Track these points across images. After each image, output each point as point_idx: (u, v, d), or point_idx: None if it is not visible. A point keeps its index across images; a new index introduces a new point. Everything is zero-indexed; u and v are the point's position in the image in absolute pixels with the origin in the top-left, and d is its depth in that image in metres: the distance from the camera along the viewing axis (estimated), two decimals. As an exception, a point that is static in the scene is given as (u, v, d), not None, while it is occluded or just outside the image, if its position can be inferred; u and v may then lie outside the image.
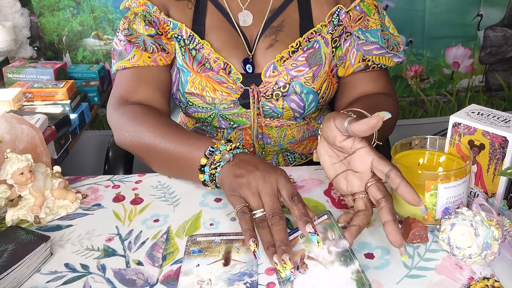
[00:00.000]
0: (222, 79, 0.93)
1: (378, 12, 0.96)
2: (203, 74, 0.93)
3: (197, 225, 0.74)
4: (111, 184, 0.86)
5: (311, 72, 0.93)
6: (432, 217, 0.68)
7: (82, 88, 1.70)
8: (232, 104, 0.95)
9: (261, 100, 0.95)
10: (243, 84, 0.94)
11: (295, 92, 0.94)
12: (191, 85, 0.94)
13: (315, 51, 0.93)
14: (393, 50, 0.96)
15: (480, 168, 0.71)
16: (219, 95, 0.93)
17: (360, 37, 0.94)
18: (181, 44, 0.95)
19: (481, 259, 0.62)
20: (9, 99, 1.41)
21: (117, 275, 0.65)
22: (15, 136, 0.82)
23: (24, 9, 1.84)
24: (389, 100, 0.95)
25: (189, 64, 0.94)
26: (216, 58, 0.93)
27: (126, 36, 0.95)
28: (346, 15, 0.94)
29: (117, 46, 0.97)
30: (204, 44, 0.93)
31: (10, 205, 0.76)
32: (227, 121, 0.98)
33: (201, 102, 0.96)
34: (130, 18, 0.96)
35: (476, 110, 0.73)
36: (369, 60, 0.95)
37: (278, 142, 1.01)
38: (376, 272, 0.63)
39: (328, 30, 0.94)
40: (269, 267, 0.64)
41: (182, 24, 0.94)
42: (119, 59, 0.95)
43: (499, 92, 2.02)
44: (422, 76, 1.96)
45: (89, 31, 1.86)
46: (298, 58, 0.93)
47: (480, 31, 1.88)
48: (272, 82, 0.93)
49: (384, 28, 0.96)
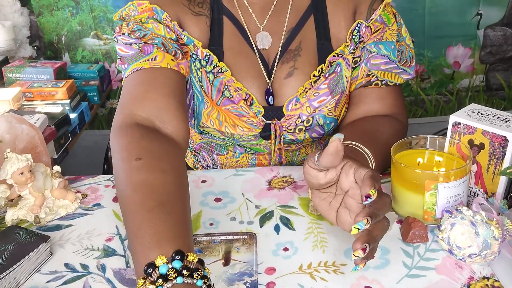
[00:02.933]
0: (243, 113, 0.86)
1: (397, 21, 0.88)
2: (223, 107, 0.85)
3: (197, 225, 0.74)
4: (111, 184, 0.86)
5: (334, 101, 0.87)
6: (432, 216, 0.68)
7: (81, 87, 1.70)
8: (252, 137, 0.89)
9: (283, 134, 0.89)
10: (264, 117, 0.87)
11: (318, 124, 0.88)
12: (206, 119, 0.86)
13: (337, 75, 0.87)
14: (405, 64, 0.89)
15: (480, 167, 0.71)
16: (239, 131, 0.87)
17: (372, 50, 0.87)
18: (197, 66, 0.85)
19: (481, 259, 0.62)
20: (9, 99, 1.41)
21: (117, 275, 0.65)
22: (15, 135, 0.82)
23: (23, 8, 1.84)
24: (393, 123, 0.87)
25: (207, 93, 0.86)
26: (238, 88, 0.85)
27: (140, 38, 0.81)
28: (366, 29, 0.86)
29: (125, 52, 0.82)
30: (223, 68, 0.84)
31: (10, 205, 0.76)
32: (244, 148, 0.94)
33: (219, 134, 0.88)
34: (133, 19, 0.83)
35: (476, 110, 0.73)
36: (373, 75, 0.88)
37: (292, 161, 0.97)
38: (376, 272, 0.63)
39: (350, 50, 0.87)
40: (269, 267, 0.64)
41: (199, 43, 0.84)
42: (133, 61, 0.79)
43: (499, 91, 2.02)
44: (423, 76, 1.96)
45: (88, 30, 1.86)
46: (320, 86, 0.86)
47: (480, 31, 1.88)
48: (295, 115, 0.87)
49: (400, 38, 0.89)
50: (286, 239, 0.70)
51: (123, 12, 0.85)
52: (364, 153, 0.73)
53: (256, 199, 0.79)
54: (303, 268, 0.64)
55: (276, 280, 0.62)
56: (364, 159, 0.73)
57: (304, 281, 0.62)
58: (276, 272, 0.64)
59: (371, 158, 0.73)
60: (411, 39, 0.91)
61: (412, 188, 0.68)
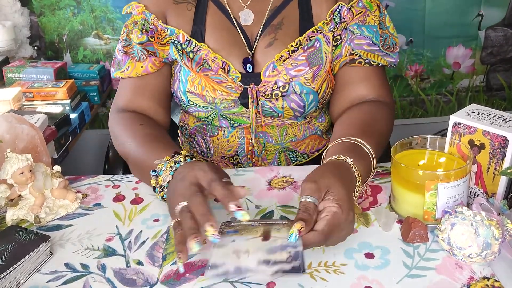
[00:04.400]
0: (221, 79, 0.93)
1: (380, 11, 0.95)
2: (202, 74, 0.93)
3: (197, 225, 0.74)
4: (111, 184, 0.86)
5: (311, 72, 0.93)
6: (432, 216, 0.68)
7: (82, 87, 1.70)
8: (232, 103, 0.95)
9: (260, 100, 0.94)
10: (242, 83, 0.93)
11: (294, 92, 0.93)
12: (191, 84, 0.95)
13: (315, 50, 0.93)
14: (389, 50, 0.95)
15: (480, 167, 0.71)
16: (219, 95, 0.94)
17: (355, 31, 0.93)
18: (178, 48, 0.95)
19: (481, 259, 0.62)
20: (9, 99, 1.41)
21: (117, 274, 0.65)
22: (15, 135, 0.82)
23: (24, 8, 1.84)
24: (384, 111, 0.92)
25: (188, 65, 0.94)
26: (215, 58, 0.93)
27: (124, 47, 0.97)
28: (348, 12, 0.93)
29: (118, 55, 0.99)
30: (202, 46, 0.94)
31: (10, 204, 0.76)
32: (228, 120, 0.98)
33: (202, 101, 0.96)
34: (129, 28, 0.97)
35: (476, 110, 0.73)
36: (356, 54, 0.93)
37: (280, 141, 1.01)
38: (376, 272, 0.63)
39: (330, 28, 0.93)
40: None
41: (179, 30, 0.95)
42: (117, 69, 0.98)
43: (499, 92, 2.02)
44: (423, 76, 1.96)
45: (89, 30, 1.86)
46: (298, 57, 0.92)
47: (481, 31, 1.88)
48: (271, 81, 0.92)
49: (383, 26, 0.95)
50: (286, 239, 0.69)
51: (127, 8, 0.98)
52: (365, 148, 0.77)
53: (256, 199, 0.79)
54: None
55: (276, 280, 0.62)
56: (366, 155, 0.76)
57: (304, 281, 0.62)
58: (276, 272, 0.64)
59: (372, 155, 0.77)
60: (394, 28, 0.97)
61: (412, 188, 0.68)
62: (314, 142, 1.05)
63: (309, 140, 1.04)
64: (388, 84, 0.99)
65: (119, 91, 1.00)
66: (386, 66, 0.96)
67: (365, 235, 0.70)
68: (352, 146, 0.77)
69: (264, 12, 0.95)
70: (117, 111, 0.97)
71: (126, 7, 0.99)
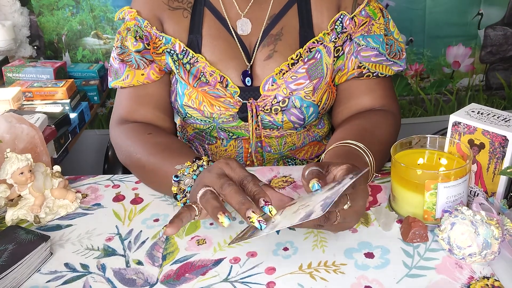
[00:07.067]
0: (219, 93, 0.90)
1: (383, 16, 0.92)
2: (200, 88, 0.90)
3: (197, 225, 0.74)
4: (111, 184, 0.86)
5: (311, 85, 0.89)
6: (432, 216, 0.68)
7: (81, 87, 1.70)
8: (230, 117, 0.92)
9: (260, 114, 0.92)
10: (241, 97, 0.90)
11: (294, 106, 0.91)
12: (188, 98, 0.92)
13: (316, 62, 0.89)
14: (395, 57, 0.92)
15: (480, 167, 0.71)
16: (217, 110, 0.91)
17: (360, 43, 0.90)
18: (174, 59, 0.91)
19: (481, 259, 0.62)
20: (8, 99, 1.41)
21: (117, 274, 0.65)
22: (15, 135, 0.81)
23: (23, 8, 1.84)
24: (388, 119, 0.90)
25: (184, 78, 0.91)
26: (212, 72, 0.90)
27: (119, 55, 0.93)
28: (350, 22, 0.89)
29: (113, 63, 0.96)
30: (199, 58, 0.90)
31: (10, 204, 0.76)
32: (226, 132, 0.96)
33: (199, 115, 0.93)
34: (122, 34, 0.94)
35: (476, 109, 0.73)
36: (365, 67, 0.91)
37: (279, 150, 0.99)
38: (376, 271, 0.63)
39: (331, 39, 0.90)
40: (269, 267, 0.64)
41: (175, 39, 0.91)
42: (115, 78, 0.95)
43: (499, 91, 2.02)
44: (422, 75, 1.96)
45: (88, 30, 1.86)
46: (298, 70, 0.89)
47: (480, 30, 1.88)
48: (271, 96, 0.90)
49: (388, 32, 0.92)
50: (286, 238, 0.70)
51: (120, 14, 0.95)
52: (364, 153, 0.76)
53: (256, 199, 0.79)
54: (303, 268, 0.64)
55: (276, 280, 0.62)
56: (365, 162, 0.75)
57: (304, 281, 0.62)
58: (276, 272, 0.64)
59: (372, 161, 0.76)
60: (399, 33, 0.95)
61: (412, 188, 0.68)
62: (313, 148, 1.03)
63: (308, 147, 1.02)
64: (394, 93, 0.96)
65: (119, 101, 0.96)
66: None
67: (365, 234, 0.70)
68: (349, 149, 0.76)
69: (262, 20, 0.91)
70: (119, 122, 0.93)
71: (118, 12, 0.95)
